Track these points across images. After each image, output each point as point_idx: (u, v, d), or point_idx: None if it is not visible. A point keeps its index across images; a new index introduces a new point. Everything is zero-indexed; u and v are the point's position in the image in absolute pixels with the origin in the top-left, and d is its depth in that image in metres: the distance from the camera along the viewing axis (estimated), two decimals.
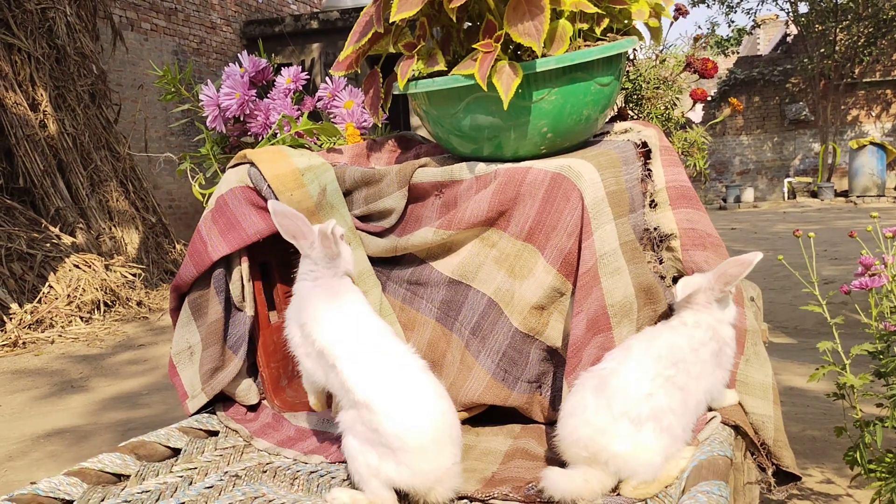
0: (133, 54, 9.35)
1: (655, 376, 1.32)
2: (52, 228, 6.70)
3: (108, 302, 6.32)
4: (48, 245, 6.42)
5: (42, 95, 7.25)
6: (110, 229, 7.36)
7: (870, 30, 18.02)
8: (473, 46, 1.48)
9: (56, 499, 1.46)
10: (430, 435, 1.31)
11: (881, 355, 1.80)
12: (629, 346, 1.40)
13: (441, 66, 1.55)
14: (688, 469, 1.35)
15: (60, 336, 5.57)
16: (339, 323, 1.44)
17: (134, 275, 6.90)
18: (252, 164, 1.79)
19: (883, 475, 1.73)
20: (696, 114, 2.09)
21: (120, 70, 9.12)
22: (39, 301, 5.95)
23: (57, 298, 5.93)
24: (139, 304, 6.55)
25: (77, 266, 6.32)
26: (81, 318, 5.92)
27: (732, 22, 20.22)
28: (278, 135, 2.03)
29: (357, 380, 1.36)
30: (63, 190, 7.20)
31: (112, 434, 3.51)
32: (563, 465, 1.36)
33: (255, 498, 1.47)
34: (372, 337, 1.43)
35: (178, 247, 8.14)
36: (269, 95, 2.09)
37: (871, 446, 1.80)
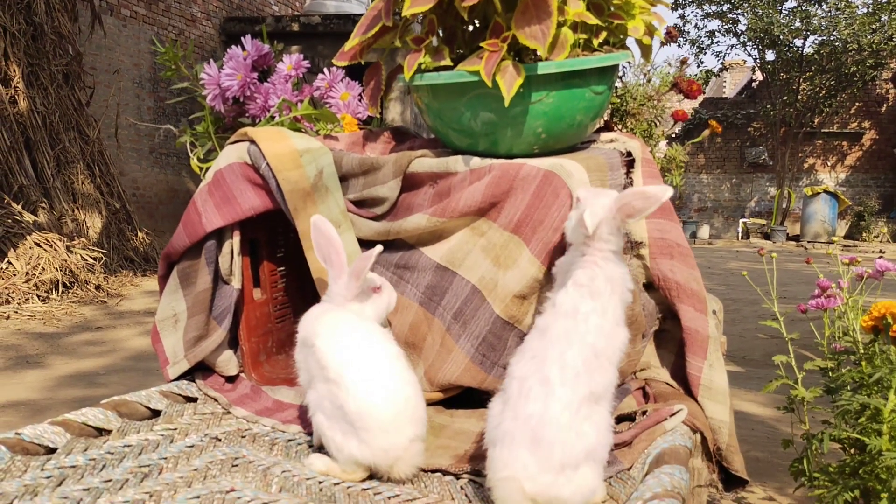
0: (110, 39, 9.28)
1: (578, 407, 1.26)
2: (14, 205, 6.60)
3: (67, 283, 6.25)
4: (9, 221, 6.33)
5: (15, 71, 7.16)
6: (73, 211, 7.27)
7: (831, 82, 18.67)
8: (480, 45, 1.57)
9: (40, 445, 1.50)
10: (388, 415, 1.37)
11: (832, 372, 1.92)
12: (546, 379, 1.27)
13: (447, 62, 1.63)
14: (652, 454, 1.44)
15: (17, 312, 5.50)
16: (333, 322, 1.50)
17: (94, 259, 6.83)
18: (252, 141, 1.84)
19: (825, 483, 1.84)
20: (660, 151, 2.20)
21: (96, 54, 9.05)
22: None
23: (15, 275, 5.85)
24: (97, 287, 6.48)
25: (38, 244, 6.24)
26: (38, 296, 5.85)
27: (702, 63, 20.64)
28: (276, 118, 2.09)
29: (331, 358, 1.42)
30: (28, 168, 7.10)
31: (69, 409, 3.46)
32: None
33: (236, 458, 1.52)
34: (357, 329, 1.49)
35: (140, 235, 8.07)
36: (269, 80, 2.15)
37: (817, 457, 1.91)
